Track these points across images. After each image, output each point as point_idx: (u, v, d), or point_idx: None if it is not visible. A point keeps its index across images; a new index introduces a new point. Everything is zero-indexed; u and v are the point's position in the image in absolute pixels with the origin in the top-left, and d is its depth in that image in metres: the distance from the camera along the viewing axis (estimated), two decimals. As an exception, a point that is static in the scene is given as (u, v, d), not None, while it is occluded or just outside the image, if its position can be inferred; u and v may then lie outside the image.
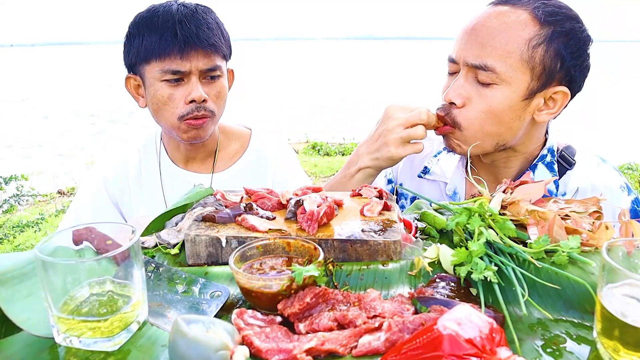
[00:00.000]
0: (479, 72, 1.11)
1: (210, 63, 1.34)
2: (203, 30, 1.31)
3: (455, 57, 1.17)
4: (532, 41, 1.08)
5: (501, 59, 1.09)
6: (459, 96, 1.14)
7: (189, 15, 1.31)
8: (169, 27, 1.28)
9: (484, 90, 1.12)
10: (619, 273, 0.59)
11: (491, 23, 1.11)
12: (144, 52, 1.32)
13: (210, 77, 1.36)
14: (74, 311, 0.64)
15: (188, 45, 1.29)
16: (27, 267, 0.73)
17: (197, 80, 1.33)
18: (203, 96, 1.33)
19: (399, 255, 0.85)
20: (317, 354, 0.62)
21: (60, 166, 7.80)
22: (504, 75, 1.10)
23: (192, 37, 1.29)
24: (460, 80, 1.14)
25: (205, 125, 1.37)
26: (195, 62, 1.31)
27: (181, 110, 1.34)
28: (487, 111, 1.13)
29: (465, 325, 0.55)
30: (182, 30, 1.28)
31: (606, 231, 0.84)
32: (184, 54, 1.29)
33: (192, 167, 1.54)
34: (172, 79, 1.32)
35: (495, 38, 1.09)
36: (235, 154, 1.57)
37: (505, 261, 0.78)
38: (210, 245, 0.88)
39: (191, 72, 1.32)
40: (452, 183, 1.37)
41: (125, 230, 0.72)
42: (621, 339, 0.59)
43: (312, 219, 0.88)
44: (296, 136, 9.58)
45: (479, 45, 1.10)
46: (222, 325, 0.62)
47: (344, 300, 0.73)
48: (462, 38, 1.15)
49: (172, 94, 1.33)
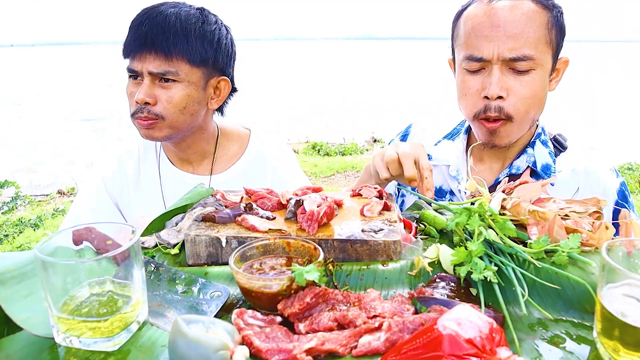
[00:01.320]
0: (517, 63, 1.19)
1: (161, 67, 1.33)
2: (159, 34, 1.31)
3: (486, 55, 1.20)
4: (548, 25, 1.20)
5: (534, 46, 1.18)
6: (503, 89, 1.20)
7: (152, 17, 1.34)
8: (133, 26, 1.35)
9: (523, 78, 1.20)
10: (619, 273, 0.59)
11: (512, 17, 1.18)
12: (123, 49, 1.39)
13: (165, 81, 1.35)
14: (74, 311, 0.63)
15: (140, 47, 1.33)
16: (27, 267, 0.73)
17: (148, 82, 1.34)
18: (144, 99, 1.33)
19: (399, 255, 0.85)
20: (317, 354, 0.62)
21: (60, 166, 7.80)
22: (539, 60, 1.19)
23: (145, 40, 1.32)
24: (497, 75, 1.20)
25: (155, 127, 1.37)
26: (146, 64, 1.33)
27: (132, 108, 1.38)
28: (532, 96, 1.21)
29: (465, 325, 0.55)
30: (138, 31, 1.33)
31: (606, 231, 0.85)
32: (136, 54, 1.33)
33: (190, 168, 1.53)
34: (130, 75, 1.38)
35: (523, 29, 1.17)
36: (234, 155, 1.57)
37: (505, 261, 0.78)
38: (210, 245, 0.88)
39: (142, 73, 1.34)
40: (455, 164, 1.42)
41: (125, 230, 0.72)
42: (621, 339, 0.59)
43: (312, 219, 0.88)
44: (296, 136, 9.58)
45: (510, 39, 1.17)
46: (222, 325, 0.62)
47: (344, 300, 0.73)
48: (486, 35, 1.19)
49: (132, 91, 1.38)
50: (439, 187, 1.45)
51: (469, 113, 1.28)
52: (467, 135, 1.45)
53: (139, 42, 1.32)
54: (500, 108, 1.21)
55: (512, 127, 1.24)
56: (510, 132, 1.25)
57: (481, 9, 1.21)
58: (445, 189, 1.44)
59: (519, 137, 1.30)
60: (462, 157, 1.42)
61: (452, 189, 1.42)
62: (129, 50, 1.34)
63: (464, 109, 1.30)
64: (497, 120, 1.23)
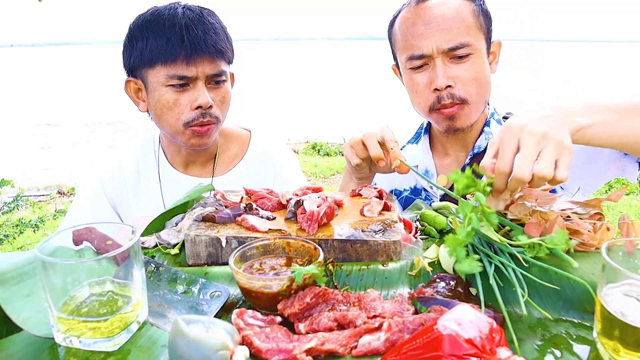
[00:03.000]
0: (456, 52, 1.27)
1: (216, 68, 1.32)
2: (210, 36, 1.29)
3: (425, 51, 1.28)
4: (475, 13, 1.30)
5: (466, 33, 1.27)
6: (449, 79, 1.27)
7: (196, 20, 1.29)
8: (175, 32, 1.26)
9: (464, 64, 1.28)
10: (619, 273, 0.59)
11: (441, 12, 1.27)
12: (149, 56, 1.29)
13: (216, 82, 1.35)
14: (74, 311, 0.64)
15: (195, 51, 1.27)
16: (27, 267, 0.73)
17: (203, 85, 1.31)
18: (210, 102, 1.31)
19: (399, 255, 0.85)
20: (317, 354, 0.62)
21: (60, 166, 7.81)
22: (475, 46, 1.29)
23: (200, 43, 1.27)
24: (441, 67, 1.28)
25: (209, 132, 1.36)
26: (201, 67, 1.29)
27: (186, 117, 1.32)
28: (476, 78, 1.30)
29: (465, 325, 0.55)
30: (189, 35, 1.26)
31: (607, 232, 0.85)
32: (191, 59, 1.27)
33: (191, 171, 1.52)
34: (177, 84, 1.30)
35: (454, 21, 1.27)
36: (235, 157, 1.56)
37: (505, 261, 0.78)
38: (210, 245, 0.88)
39: (197, 77, 1.30)
40: (422, 164, 1.51)
41: (125, 230, 0.72)
42: (621, 339, 0.59)
43: (312, 219, 0.88)
44: (296, 136, 9.58)
45: (445, 32, 1.26)
46: (222, 325, 0.62)
47: (344, 300, 0.73)
48: (421, 33, 1.28)
49: (177, 99, 1.31)
50: (413, 187, 1.52)
51: (423, 108, 1.35)
52: (427, 135, 1.54)
53: (196, 47, 1.26)
54: (452, 95, 1.29)
55: (468, 108, 1.32)
56: (468, 113, 1.32)
57: (412, 11, 1.31)
58: (419, 188, 1.51)
59: (476, 118, 1.38)
60: (427, 155, 1.50)
61: (424, 187, 1.50)
62: (177, 56, 1.26)
63: (418, 105, 1.37)
64: (453, 106, 1.30)
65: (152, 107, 1.36)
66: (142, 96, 1.39)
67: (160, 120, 1.36)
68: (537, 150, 0.82)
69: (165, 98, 1.31)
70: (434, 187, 1.45)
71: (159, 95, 1.31)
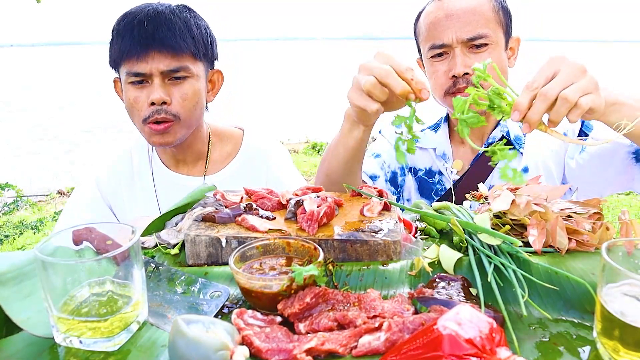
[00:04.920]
0: (475, 42, 1.35)
1: (172, 64, 1.31)
2: (162, 31, 1.29)
3: (446, 41, 1.37)
4: (494, 8, 1.38)
5: (486, 25, 1.36)
6: (467, 67, 1.35)
7: (151, 16, 1.30)
8: (129, 29, 1.29)
9: (481, 55, 1.36)
10: (619, 273, 0.59)
11: (462, 6, 1.36)
12: (115, 55, 1.33)
13: (175, 78, 1.33)
14: (74, 311, 0.64)
15: (146, 47, 1.28)
16: (27, 267, 0.73)
17: (159, 82, 1.30)
18: (162, 98, 1.29)
19: (399, 255, 0.85)
20: (317, 354, 0.62)
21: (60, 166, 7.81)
22: (493, 37, 1.37)
23: (148, 38, 1.27)
24: (459, 55, 1.36)
25: (170, 130, 1.34)
26: (153, 63, 1.29)
27: (145, 113, 1.32)
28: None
29: (465, 325, 0.55)
30: (140, 31, 1.28)
31: (607, 232, 0.85)
32: (141, 55, 1.28)
33: (183, 170, 1.52)
34: (135, 80, 1.31)
35: (474, 14, 1.36)
36: (227, 156, 1.56)
37: (505, 262, 0.78)
38: (210, 245, 0.88)
39: (152, 73, 1.30)
40: (440, 148, 1.57)
41: (125, 230, 0.72)
42: (621, 339, 0.59)
43: (312, 219, 0.88)
44: (296, 136, 9.57)
45: (465, 23, 1.35)
46: (222, 325, 0.62)
47: (344, 300, 0.73)
48: (443, 25, 1.37)
49: (137, 96, 1.32)
50: (428, 168, 1.59)
51: (440, 92, 1.42)
52: (447, 123, 1.61)
53: (145, 42, 1.27)
54: (468, 81, 1.36)
55: None
56: None
57: (435, 6, 1.41)
58: (435, 170, 1.57)
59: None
60: (446, 141, 1.58)
61: (440, 169, 1.56)
62: (131, 53, 1.29)
63: (435, 91, 1.44)
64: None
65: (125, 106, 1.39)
66: None
67: (130, 118, 1.38)
68: (571, 79, 0.83)
69: (128, 95, 1.34)
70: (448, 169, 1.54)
71: (125, 92, 1.35)
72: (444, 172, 1.54)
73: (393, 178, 1.62)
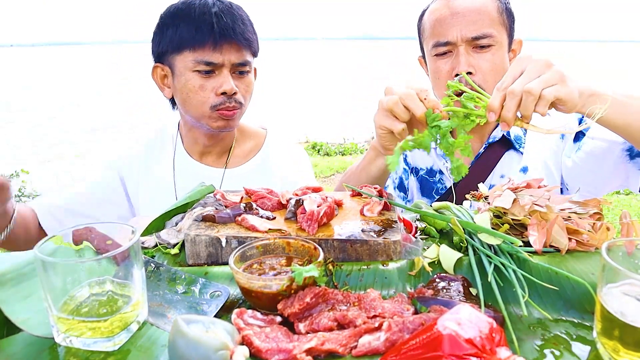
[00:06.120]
0: (479, 41, 1.35)
1: (242, 57, 1.37)
2: (238, 25, 1.34)
3: (450, 39, 1.36)
4: (499, 9, 1.38)
5: (491, 25, 1.36)
6: (470, 66, 1.35)
7: (226, 10, 1.35)
8: (205, 19, 1.32)
9: (485, 54, 1.36)
10: (619, 273, 0.59)
11: (468, 5, 1.36)
12: (178, 41, 1.34)
13: (240, 73, 1.39)
14: (74, 311, 0.63)
15: (223, 38, 1.32)
16: (26, 268, 0.73)
17: (228, 73, 1.36)
18: (234, 89, 1.36)
19: (399, 255, 0.85)
20: (317, 354, 0.62)
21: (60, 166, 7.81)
22: (497, 38, 1.37)
23: (229, 31, 1.32)
24: (463, 54, 1.36)
25: (235, 116, 1.41)
26: (228, 55, 1.34)
27: (213, 101, 1.36)
28: (495, 69, 1.36)
29: (465, 325, 0.55)
30: (219, 23, 1.31)
31: (607, 232, 0.85)
32: (218, 45, 1.32)
33: (206, 160, 1.55)
34: (204, 70, 1.34)
35: (479, 14, 1.36)
36: (249, 153, 1.59)
37: (505, 262, 0.78)
38: (210, 245, 0.87)
39: (223, 64, 1.35)
40: None
41: (125, 230, 0.72)
42: (621, 339, 0.59)
43: (312, 219, 0.88)
44: (296, 136, 9.58)
45: (471, 22, 1.35)
46: (222, 325, 0.62)
47: (344, 300, 0.73)
48: (448, 23, 1.37)
49: (203, 84, 1.35)
50: (429, 168, 1.58)
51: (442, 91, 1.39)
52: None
53: (223, 34, 1.31)
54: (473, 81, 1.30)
55: None
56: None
57: (441, 3, 1.40)
58: (436, 169, 1.57)
59: None
60: None
61: (441, 168, 1.56)
62: (205, 42, 1.32)
63: (438, 90, 1.43)
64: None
65: (177, 92, 1.41)
66: (168, 82, 1.44)
67: (185, 105, 1.40)
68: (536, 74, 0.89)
69: (192, 83, 1.36)
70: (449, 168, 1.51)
71: (185, 79, 1.36)
72: (444, 171, 1.54)
73: (400, 183, 1.64)
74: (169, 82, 1.43)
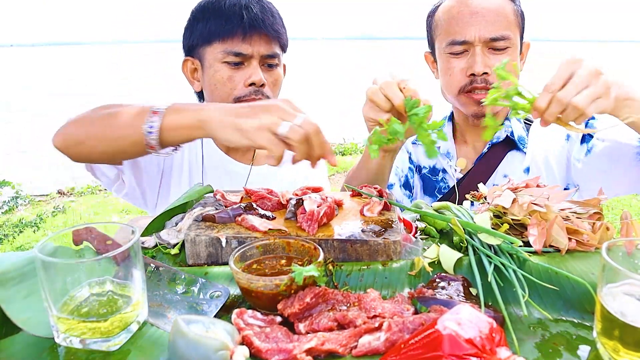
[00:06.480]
0: (497, 43, 1.35)
1: (270, 49, 1.37)
2: (268, 17, 1.35)
3: (468, 38, 1.35)
4: (515, 12, 1.39)
5: (509, 28, 1.36)
6: (487, 67, 1.35)
7: (255, 2, 1.36)
8: (235, 11, 1.33)
9: (500, 56, 1.36)
10: (619, 273, 0.59)
11: (487, 5, 1.35)
12: (208, 33, 1.35)
13: (268, 65, 1.39)
14: (74, 311, 0.63)
15: (252, 29, 1.32)
16: (27, 268, 0.73)
17: (257, 64, 1.36)
18: (263, 80, 1.35)
19: (399, 255, 0.85)
20: (317, 354, 0.62)
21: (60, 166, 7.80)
22: (512, 40, 1.37)
23: (258, 21, 1.32)
24: (480, 54, 1.35)
25: None
26: (257, 46, 1.34)
27: (239, 92, 1.36)
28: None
29: (465, 325, 0.55)
30: (249, 14, 1.32)
31: (606, 232, 0.85)
32: (247, 37, 1.33)
33: (233, 154, 1.54)
34: (233, 61, 1.35)
35: (498, 15, 1.35)
36: None
37: (506, 262, 0.78)
38: (210, 245, 0.87)
39: (252, 56, 1.35)
40: (444, 147, 1.58)
41: (125, 230, 0.72)
42: (621, 339, 0.59)
43: (312, 219, 0.88)
44: (296, 136, 9.54)
45: (490, 22, 1.34)
46: (222, 325, 0.62)
47: (344, 300, 0.73)
48: (467, 21, 1.36)
49: (231, 76, 1.36)
50: (432, 166, 1.59)
51: (454, 90, 1.41)
52: (451, 122, 1.62)
53: (252, 25, 1.32)
54: (486, 81, 1.36)
55: None
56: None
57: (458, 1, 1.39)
58: (439, 168, 1.58)
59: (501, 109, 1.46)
60: (450, 140, 1.59)
61: (444, 167, 1.56)
62: (235, 33, 1.32)
63: (449, 88, 1.43)
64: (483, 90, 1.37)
65: (206, 84, 1.41)
66: (197, 76, 1.45)
67: (213, 96, 1.41)
68: (585, 83, 0.91)
69: (220, 74, 1.36)
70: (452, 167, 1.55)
71: (214, 71, 1.37)
72: (448, 170, 1.55)
73: (406, 182, 1.64)
74: (198, 75, 1.44)
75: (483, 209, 0.97)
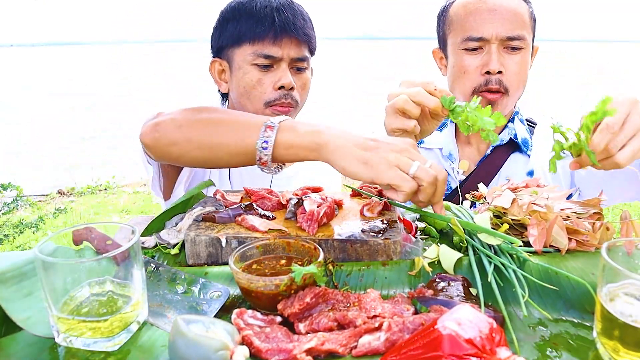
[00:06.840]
0: (512, 42, 1.35)
1: (300, 53, 1.37)
2: (299, 20, 1.34)
3: (485, 35, 1.35)
4: (530, 13, 1.40)
5: (524, 28, 1.36)
6: (502, 65, 1.35)
7: (287, 5, 1.35)
8: (267, 13, 1.32)
9: (515, 56, 1.37)
10: (619, 273, 0.59)
11: (505, 3, 1.35)
12: (238, 35, 1.34)
13: (297, 69, 1.39)
14: (74, 311, 0.63)
15: (284, 32, 1.32)
16: (27, 267, 0.73)
17: (286, 67, 1.35)
18: (292, 83, 1.35)
19: (399, 255, 0.85)
20: (317, 354, 0.62)
21: (60, 166, 7.80)
22: (527, 41, 1.37)
23: (289, 24, 1.32)
24: (496, 52, 1.35)
25: (290, 114, 1.38)
26: (287, 49, 1.34)
27: (269, 96, 1.35)
28: (522, 72, 1.39)
29: (465, 325, 0.55)
30: (280, 17, 1.32)
31: (606, 232, 0.85)
32: (278, 39, 1.32)
33: None
34: (262, 63, 1.34)
35: (515, 14, 1.35)
36: None
37: (505, 262, 0.78)
38: (210, 245, 0.87)
39: (282, 58, 1.34)
40: (447, 148, 1.56)
41: (125, 230, 0.72)
42: (621, 339, 0.59)
43: (312, 219, 0.88)
44: (296, 136, 9.54)
45: (507, 21, 1.34)
46: (222, 325, 0.62)
47: (344, 300, 0.73)
48: (484, 18, 1.35)
49: (260, 78, 1.35)
50: None
51: (468, 89, 1.40)
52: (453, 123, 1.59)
53: (283, 27, 1.31)
54: (500, 81, 1.36)
55: (507, 100, 1.40)
56: (506, 104, 1.40)
57: None
58: None
59: (508, 112, 1.45)
60: (452, 141, 1.57)
61: (447, 169, 1.54)
62: (266, 36, 1.31)
63: (462, 86, 1.41)
64: (497, 92, 1.37)
65: (234, 86, 1.40)
66: (225, 77, 1.44)
67: (242, 99, 1.39)
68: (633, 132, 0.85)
69: (249, 76, 1.35)
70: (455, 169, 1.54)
71: (243, 73, 1.36)
72: (450, 172, 1.54)
73: None
74: (226, 77, 1.43)
75: (483, 209, 0.97)
